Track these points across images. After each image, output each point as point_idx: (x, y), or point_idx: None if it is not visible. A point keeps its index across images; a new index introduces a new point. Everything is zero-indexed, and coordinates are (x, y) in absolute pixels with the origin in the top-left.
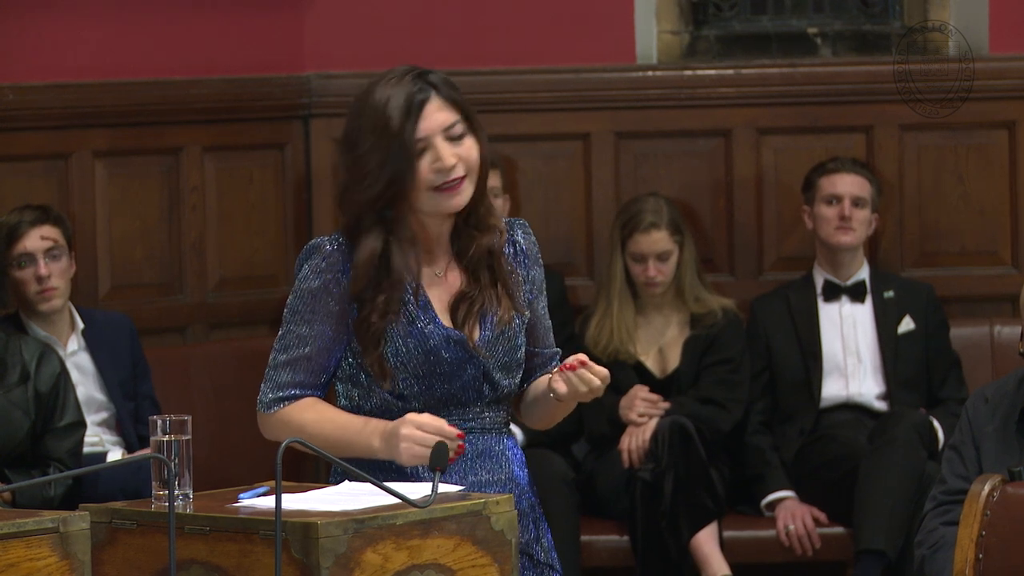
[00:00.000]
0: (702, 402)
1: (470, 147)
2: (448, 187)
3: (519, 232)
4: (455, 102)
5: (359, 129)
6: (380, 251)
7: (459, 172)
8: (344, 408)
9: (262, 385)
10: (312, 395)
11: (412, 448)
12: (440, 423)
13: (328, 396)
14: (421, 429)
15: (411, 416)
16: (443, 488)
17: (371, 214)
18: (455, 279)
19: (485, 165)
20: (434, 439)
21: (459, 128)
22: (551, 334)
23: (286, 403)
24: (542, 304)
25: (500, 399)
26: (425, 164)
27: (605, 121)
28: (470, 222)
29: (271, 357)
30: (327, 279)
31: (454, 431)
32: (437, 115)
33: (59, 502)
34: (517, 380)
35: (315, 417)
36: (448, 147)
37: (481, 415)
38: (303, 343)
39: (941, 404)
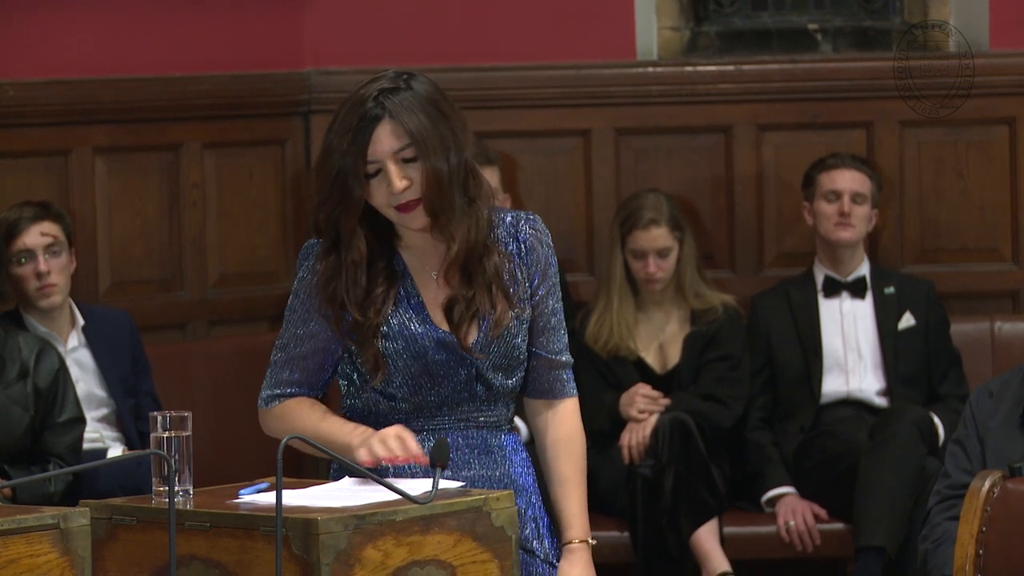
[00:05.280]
0: (702, 398)
1: (422, 170)
2: (403, 208)
3: (526, 227)
4: (407, 127)
5: (324, 142)
6: (366, 255)
7: (411, 196)
8: (344, 405)
9: (263, 382)
10: (306, 394)
11: (373, 446)
12: (415, 453)
13: (331, 391)
14: (398, 439)
15: (401, 431)
16: (443, 484)
17: (346, 223)
18: (450, 280)
19: (443, 183)
20: (392, 454)
21: (409, 152)
22: (558, 337)
23: (281, 400)
24: (549, 303)
25: (497, 397)
26: (378, 186)
27: (605, 117)
28: (445, 234)
29: (272, 355)
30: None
31: (418, 457)
32: (386, 140)
33: (59, 498)
34: (517, 378)
35: (300, 416)
36: (398, 170)
37: (473, 413)
38: (299, 343)
39: (941, 400)
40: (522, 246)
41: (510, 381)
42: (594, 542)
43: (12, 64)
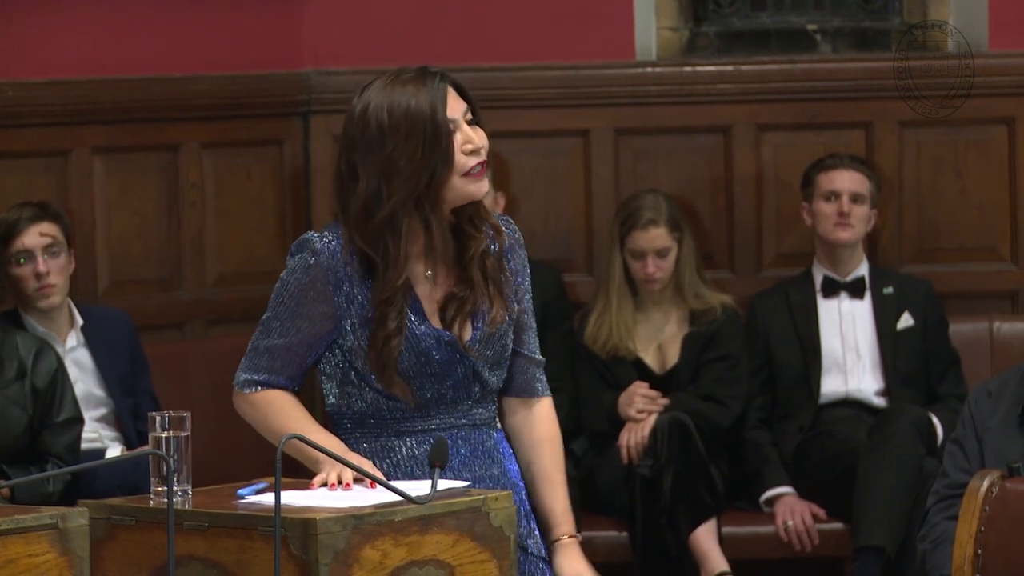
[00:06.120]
0: (701, 398)
1: (483, 134)
2: (476, 172)
3: (504, 229)
4: (464, 94)
5: (383, 128)
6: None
7: (483, 155)
8: (332, 407)
9: (242, 360)
10: (285, 386)
11: (328, 472)
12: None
13: (308, 386)
14: (350, 471)
15: (366, 466)
16: (448, 484)
17: (403, 210)
18: (444, 279)
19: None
20: (344, 479)
21: (469, 115)
22: (534, 336)
23: (260, 387)
24: (526, 302)
25: (488, 395)
26: (457, 145)
27: (605, 118)
28: (472, 220)
29: (254, 336)
30: (315, 277)
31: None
32: (455, 102)
33: (58, 498)
34: (502, 376)
35: (285, 415)
36: (471, 130)
37: (470, 412)
38: (284, 333)
39: (940, 400)
40: (504, 247)
41: (498, 379)
42: (580, 538)
43: (12, 64)
